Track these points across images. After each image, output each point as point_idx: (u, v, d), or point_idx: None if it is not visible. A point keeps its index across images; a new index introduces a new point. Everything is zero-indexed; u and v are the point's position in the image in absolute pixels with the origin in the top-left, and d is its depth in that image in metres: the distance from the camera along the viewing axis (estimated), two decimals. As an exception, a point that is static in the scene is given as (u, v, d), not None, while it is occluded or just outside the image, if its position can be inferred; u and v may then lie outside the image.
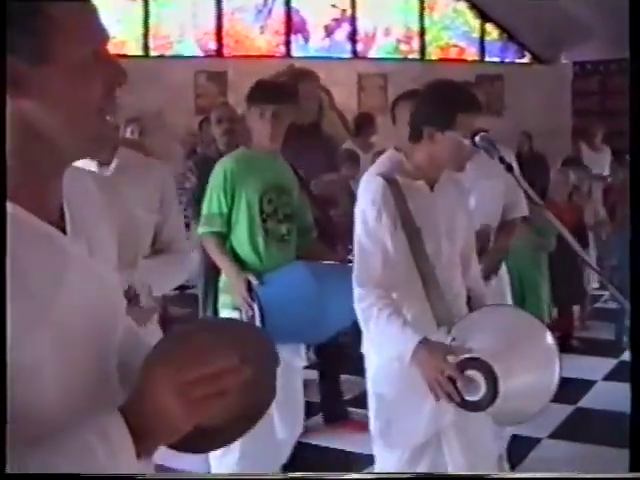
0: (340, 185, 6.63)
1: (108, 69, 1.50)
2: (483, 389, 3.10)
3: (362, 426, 5.99)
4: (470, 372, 3.14)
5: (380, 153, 4.57)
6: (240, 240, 4.55)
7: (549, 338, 3.31)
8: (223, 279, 4.62)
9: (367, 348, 3.74)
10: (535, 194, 3.29)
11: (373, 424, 3.71)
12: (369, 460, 3.93)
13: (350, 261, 4.24)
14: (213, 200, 4.55)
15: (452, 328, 3.38)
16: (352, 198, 6.84)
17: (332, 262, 4.79)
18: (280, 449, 4.63)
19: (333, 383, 6.36)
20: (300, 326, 4.30)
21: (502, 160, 3.26)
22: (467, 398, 3.16)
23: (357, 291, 3.48)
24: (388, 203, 3.41)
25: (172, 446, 1.53)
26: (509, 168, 3.24)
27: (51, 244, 1.50)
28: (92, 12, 1.51)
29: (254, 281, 4.37)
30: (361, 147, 9.35)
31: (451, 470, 3.61)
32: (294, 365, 4.61)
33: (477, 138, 3.33)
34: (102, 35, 1.52)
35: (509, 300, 5.15)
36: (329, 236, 5.28)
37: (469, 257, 3.77)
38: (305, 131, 5.88)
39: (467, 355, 3.18)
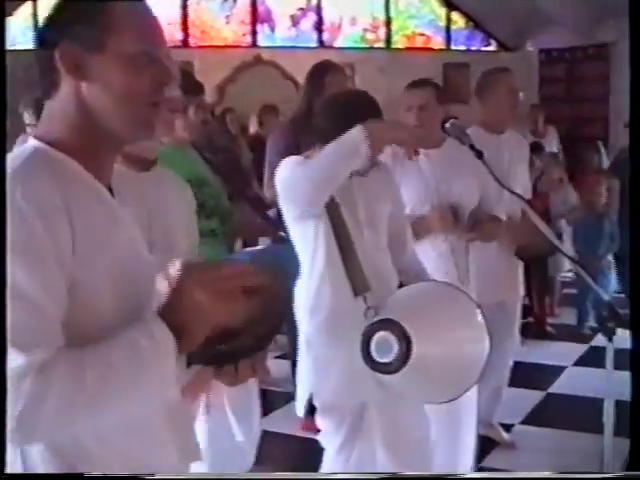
0: None
1: (157, 69, 1.76)
2: (395, 350, 3.06)
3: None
4: (382, 333, 3.10)
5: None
6: None
7: (477, 316, 3.26)
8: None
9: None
10: (509, 186, 3.33)
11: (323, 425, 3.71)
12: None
13: (283, 238, 4.25)
14: None
15: (370, 297, 3.34)
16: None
17: (267, 245, 4.73)
18: (242, 452, 4.59)
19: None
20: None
21: (472, 147, 3.30)
22: (378, 359, 3.12)
23: None
24: None
25: (207, 359, 1.83)
26: (479, 155, 3.27)
27: (103, 200, 1.79)
28: (149, 17, 1.80)
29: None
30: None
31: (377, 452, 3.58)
32: None
33: (447, 125, 3.37)
34: (156, 39, 1.80)
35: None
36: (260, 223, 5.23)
37: (402, 241, 3.74)
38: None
39: (380, 317, 3.16)
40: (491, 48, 14.87)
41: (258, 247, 4.71)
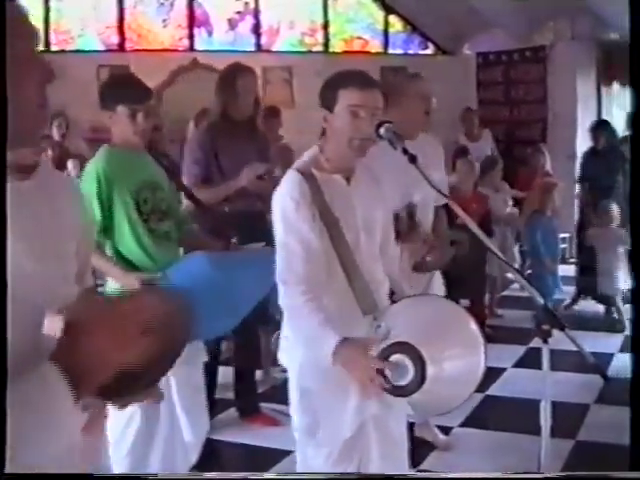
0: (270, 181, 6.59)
1: (37, 67, 1.71)
2: (411, 373, 3.11)
3: (273, 421, 6.01)
4: (397, 357, 3.14)
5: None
6: (127, 245, 4.38)
7: (473, 325, 3.32)
8: (110, 286, 4.43)
9: (291, 343, 3.67)
10: (441, 188, 3.33)
11: (298, 421, 3.68)
12: (281, 455, 3.88)
13: (236, 244, 4.23)
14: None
15: (377, 316, 3.37)
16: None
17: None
18: (188, 450, 4.58)
19: (248, 378, 6.30)
20: (206, 317, 4.20)
21: (405, 151, 3.31)
22: (395, 383, 3.16)
23: (281, 288, 3.45)
24: (305, 197, 3.39)
25: (101, 393, 1.67)
26: (412, 159, 3.27)
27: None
28: (22, 16, 1.75)
29: (150, 277, 4.23)
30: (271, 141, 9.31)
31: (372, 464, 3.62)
32: (196, 362, 4.55)
33: (381, 130, 3.38)
34: (32, 38, 1.75)
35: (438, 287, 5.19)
36: (210, 225, 5.19)
37: (386, 246, 3.76)
38: (241, 127, 5.82)
39: (394, 340, 3.18)
40: (429, 51, 14.89)
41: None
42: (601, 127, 9.74)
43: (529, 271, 9.28)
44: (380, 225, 3.67)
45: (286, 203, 3.42)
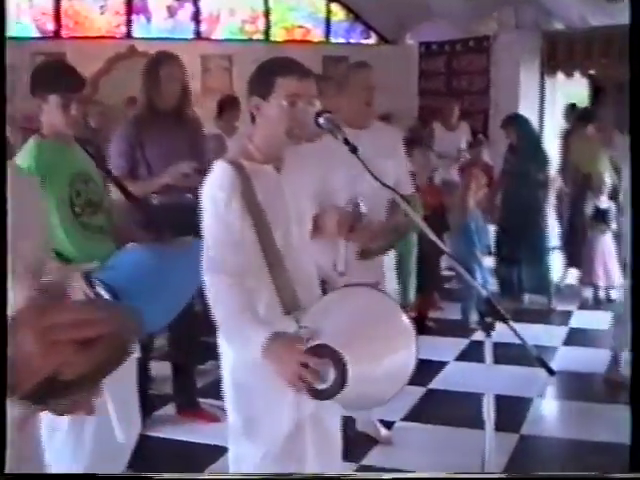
0: (199, 176, 6.43)
1: None
2: (331, 376, 3.04)
3: (213, 417, 5.88)
4: (318, 359, 3.07)
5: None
6: (61, 242, 4.16)
7: (404, 319, 3.25)
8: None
9: (223, 337, 3.56)
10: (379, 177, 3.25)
11: (233, 418, 3.57)
12: (220, 452, 3.77)
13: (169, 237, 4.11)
14: None
15: (301, 315, 3.29)
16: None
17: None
18: (121, 449, 4.44)
19: (187, 374, 6.17)
20: (143, 312, 4.05)
21: (346, 142, 3.25)
22: (316, 386, 3.09)
23: (208, 278, 3.35)
24: (235, 188, 3.31)
25: (26, 396, 1.58)
26: (353, 150, 3.21)
27: None
28: None
29: (88, 268, 4.06)
30: (225, 131, 9.19)
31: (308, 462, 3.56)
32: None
33: (321, 119, 3.32)
34: None
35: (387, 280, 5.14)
36: (141, 218, 5.03)
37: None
38: (168, 116, 5.64)
39: (314, 343, 3.10)
40: (371, 41, 14.81)
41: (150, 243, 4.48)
42: (510, 122, 9.65)
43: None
44: (311, 214, 3.60)
45: (215, 195, 3.34)
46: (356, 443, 5.29)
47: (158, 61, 5.78)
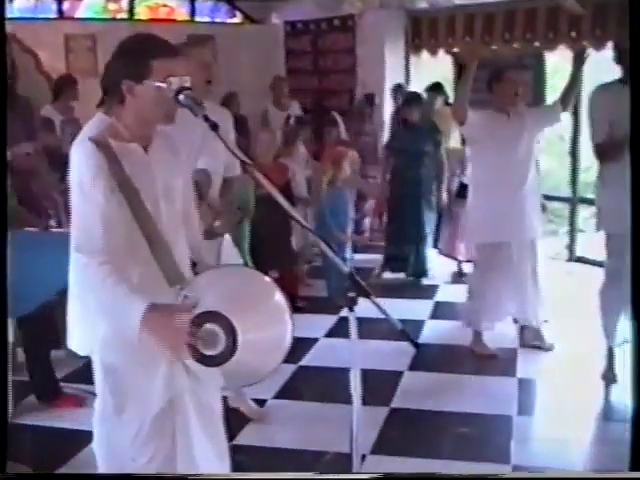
0: (38, 156, 6.26)
1: None
2: (222, 342, 3.11)
3: (78, 401, 5.81)
4: (208, 326, 3.11)
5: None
6: None
7: (278, 295, 3.29)
8: None
9: (90, 319, 3.47)
10: (243, 154, 3.25)
11: (102, 399, 3.52)
12: (88, 437, 3.73)
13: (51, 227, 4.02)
14: None
15: (184, 286, 3.29)
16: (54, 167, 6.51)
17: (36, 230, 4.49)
18: None
19: (42, 359, 6.03)
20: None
21: (206, 119, 3.22)
22: (206, 353, 3.14)
23: (77, 258, 3.29)
24: (102, 167, 3.24)
25: None
26: (214, 127, 3.18)
27: None
28: None
29: None
30: (61, 111, 9.05)
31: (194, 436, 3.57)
32: None
33: (181, 96, 3.28)
34: None
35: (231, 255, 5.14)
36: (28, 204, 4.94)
37: (188, 216, 3.66)
38: None
39: (204, 309, 3.14)
40: (236, 20, 14.71)
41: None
42: (416, 99, 9.81)
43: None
44: (180, 193, 3.57)
45: (82, 173, 3.27)
46: (229, 420, 5.30)
47: None
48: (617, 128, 5.82)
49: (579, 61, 6.77)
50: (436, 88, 10.82)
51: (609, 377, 6.31)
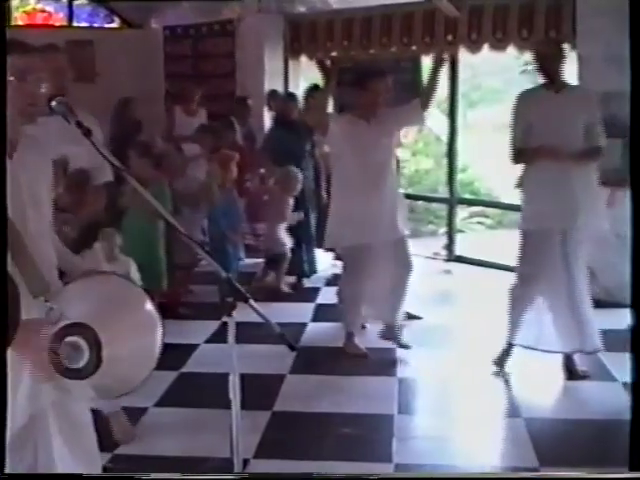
0: None
1: None
2: (86, 355, 3.00)
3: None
4: (72, 338, 3.01)
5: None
6: None
7: (149, 305, 3.26)
8: None
9: None
10: (117, 160, 3.22)
11: None
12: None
13: None
14: None
15: (49, 298, 3.18)
16: None
17: None
18: None
19: None
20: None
21: (79, 125, 3.18)
22: (70, 366, 3.02)
23: None
24: None
25: None
26: (87, 133, 3.15)
27: None
28: None
29: None
30: None
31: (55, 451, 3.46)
32: None
33: (53, 103, 3.23)
34: None
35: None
36: None
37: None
38: None
39: (68, 321, 3.04)
40: (114, 25, 14.56)
41: None
42: (292, 99, 10.06)
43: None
44: (48, 200, 3.50)
45: None
46: (108, 430, 5.25)
47: None
48: (536, 132, 6.01)
49: (437, 64, 6.93)
50: (314, 90, 10.89)
51: (499, 373, 6.50)
